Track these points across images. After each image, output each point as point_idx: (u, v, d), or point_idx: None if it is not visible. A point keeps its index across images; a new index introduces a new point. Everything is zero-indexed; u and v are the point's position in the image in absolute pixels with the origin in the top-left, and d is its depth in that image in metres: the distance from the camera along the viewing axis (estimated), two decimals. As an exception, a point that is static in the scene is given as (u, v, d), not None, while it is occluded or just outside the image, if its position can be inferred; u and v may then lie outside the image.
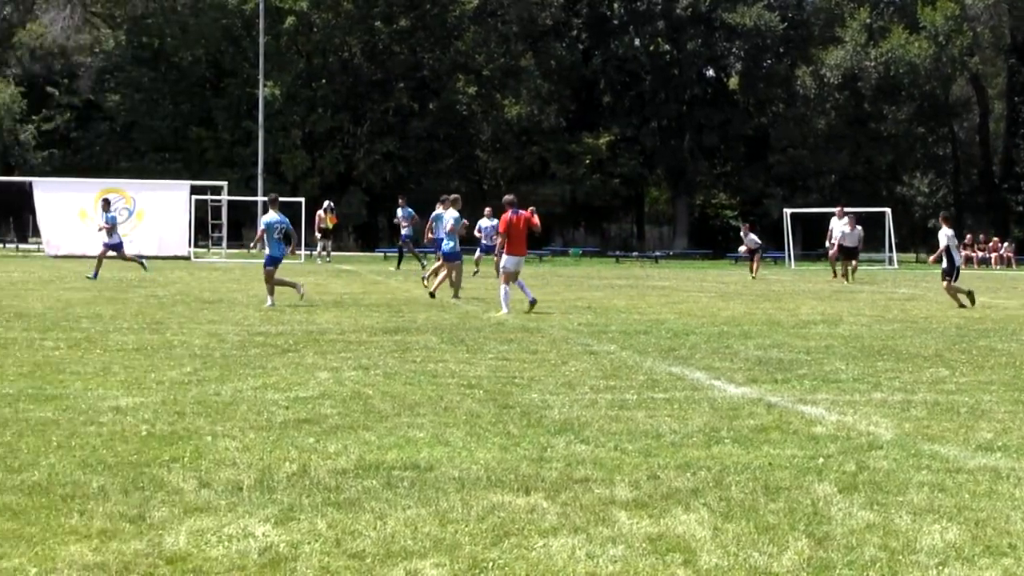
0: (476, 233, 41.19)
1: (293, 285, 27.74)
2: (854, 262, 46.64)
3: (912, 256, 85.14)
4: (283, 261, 27.99)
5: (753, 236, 50.73)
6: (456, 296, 30.07)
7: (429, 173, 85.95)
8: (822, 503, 8.59)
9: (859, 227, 46.79)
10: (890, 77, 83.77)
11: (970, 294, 30.11)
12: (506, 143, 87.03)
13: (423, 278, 34.46)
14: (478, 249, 42.01)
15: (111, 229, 39.06)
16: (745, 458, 10.09)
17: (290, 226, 28.45)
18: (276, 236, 27.59)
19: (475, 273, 40.50)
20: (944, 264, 30.66)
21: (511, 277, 26.16)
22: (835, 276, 46.72)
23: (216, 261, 58.85)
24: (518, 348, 18.55)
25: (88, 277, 35.58)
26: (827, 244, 48.72)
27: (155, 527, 7.68)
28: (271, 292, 26.76)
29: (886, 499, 8.76)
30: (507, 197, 27.25)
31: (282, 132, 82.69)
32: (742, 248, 51.65)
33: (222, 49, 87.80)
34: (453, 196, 33.38)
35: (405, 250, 50.64)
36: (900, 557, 7.31)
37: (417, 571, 6.86)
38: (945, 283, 30.55)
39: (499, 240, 26.60)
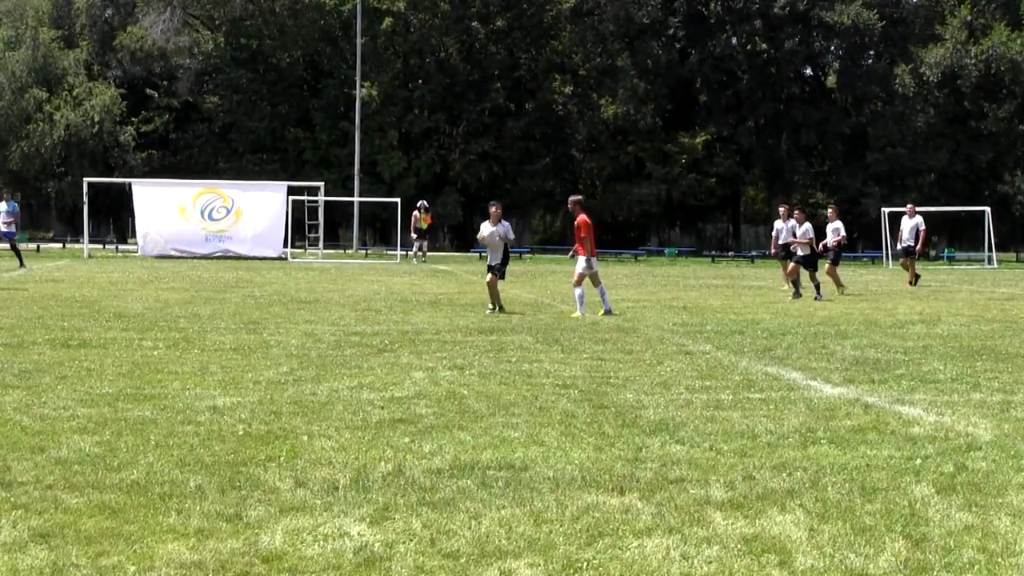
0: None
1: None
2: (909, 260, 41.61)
3: (1012, 255, 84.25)
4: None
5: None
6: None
7: (524, 173, 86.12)
8: (919, 504, 8.52)
9: (918, 217, 41.81)
10: (991, 74, 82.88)
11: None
12: (602, 143, 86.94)
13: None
14: None
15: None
16: (842, 459, 10.03)
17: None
18: None
19: None
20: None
21: (583, 280, 25.70)
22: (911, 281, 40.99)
23: (312, 261, 59.19)
24: (613, 348, 18.54)
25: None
26: (899, 247, 42.98)
27: (251, 526, 7.74)
28: None
29: (985, 501, 8.68)
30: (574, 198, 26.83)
31: (379, 133, 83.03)
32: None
33: (320, 50, 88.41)
34: None
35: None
36: (999, 560, 7.24)
37: (511, 571, 6.87)
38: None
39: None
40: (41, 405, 12.18)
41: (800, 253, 33.14)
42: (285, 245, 63.46)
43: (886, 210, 66.85)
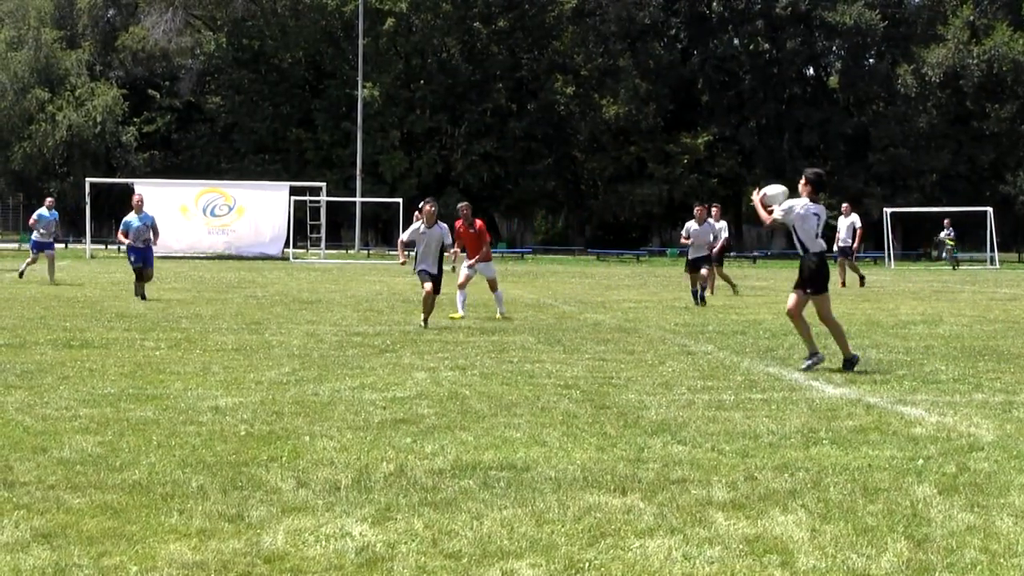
0: None
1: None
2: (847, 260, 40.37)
3: (1014, 255, 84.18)
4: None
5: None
6: None
7: (526, 174, 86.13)
8: (921, 505, 8.50)
9: (854, 215, 40.63)
10: (993, 75, 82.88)
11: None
12: (603, 143, 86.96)
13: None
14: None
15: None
16: (844, 459, 10.01)
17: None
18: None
19: None
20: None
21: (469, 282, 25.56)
22: (844, 284, 39.41)
23: (314, 262, 59.17)
24: (615, 348, 18.52)
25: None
26: (835, 248, 40.30)
27: (253, 526, 7.73)
28: None
29: (987, 501, 8.66)
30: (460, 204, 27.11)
31: (381, 133, 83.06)
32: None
33: (322, 51, 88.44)
34: None
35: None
36: (1001, 560, 7.22)
37: (513, 571, 6.86)
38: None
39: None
40: (43, 405, 12.18)
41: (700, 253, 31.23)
42: (287, 245, 63.54)
43: (888, 210, 66.87)
